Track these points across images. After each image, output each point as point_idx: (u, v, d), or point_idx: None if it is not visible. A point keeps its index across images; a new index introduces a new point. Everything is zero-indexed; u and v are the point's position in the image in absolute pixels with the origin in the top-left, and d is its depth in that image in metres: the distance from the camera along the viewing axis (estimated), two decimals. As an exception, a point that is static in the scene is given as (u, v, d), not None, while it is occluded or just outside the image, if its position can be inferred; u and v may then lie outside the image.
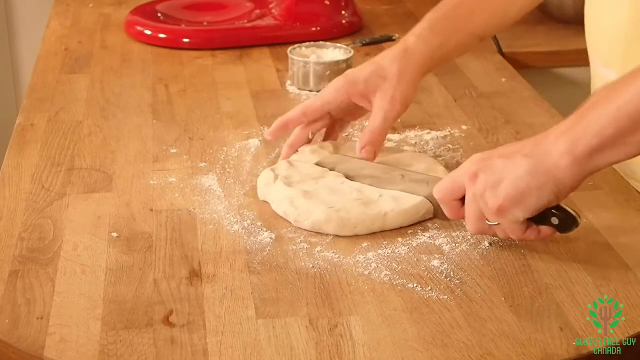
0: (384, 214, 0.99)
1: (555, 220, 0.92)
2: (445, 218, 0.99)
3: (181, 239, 0.99)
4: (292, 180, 1.05)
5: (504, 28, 1.21)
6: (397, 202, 1.01)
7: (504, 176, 0.90)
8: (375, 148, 1.09)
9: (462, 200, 0.94)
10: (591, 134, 0.86)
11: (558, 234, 0.94)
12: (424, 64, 1.12)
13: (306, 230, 0.99)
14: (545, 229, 0.93)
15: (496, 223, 0.92)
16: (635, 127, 0.85)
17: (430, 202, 1.01)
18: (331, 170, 1.08)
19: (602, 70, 1.16)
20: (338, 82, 1.12)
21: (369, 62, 1.13)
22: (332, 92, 1.12)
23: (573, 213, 0.92)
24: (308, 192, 1.02)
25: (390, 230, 1.00)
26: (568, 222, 0.92)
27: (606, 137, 0.86)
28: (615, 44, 1.12)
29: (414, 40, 1.12)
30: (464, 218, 0.95)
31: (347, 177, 1.07)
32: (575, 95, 1.20)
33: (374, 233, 0.99)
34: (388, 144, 1.19)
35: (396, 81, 1.09)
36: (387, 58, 1.12)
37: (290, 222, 1.01)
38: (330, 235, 0.98)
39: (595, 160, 0.87)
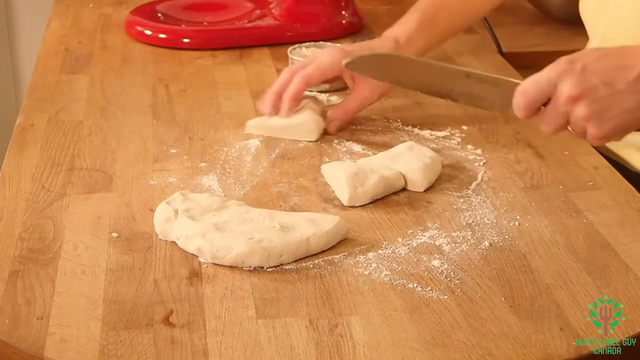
0: (306, 238, 0.95)
1: None
2: (505, 111, 1.01)
3: (181, 239, 0.99)
4: (194, 213, 0.98)
5: (470, 25, 1.39)
6: (315, 224, 0.96)
7: (609, 107, 0.92)
8: (342, 125, 1.23)
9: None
10: None
11: None
12: None
13: (225, 265, 0.93)
14: None
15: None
16: None
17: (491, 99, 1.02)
18: (385, 79, 1.10)
19: None
20: (335, 55, 1.20)
21: (364, 45, 1.25)
22: (329, 64, 1.20)
23: None
24: (218, 224, 0.96)
25: (390, 231, 1.00)
26: None
27: None
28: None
29: (405, 41, 1.25)
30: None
31: (400, 83, 1.10)
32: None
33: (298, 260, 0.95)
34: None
35: None
36: (381, 50, 1.22)
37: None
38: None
39: None
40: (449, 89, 1.05)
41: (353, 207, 1.05)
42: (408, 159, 1.10)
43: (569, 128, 0.96)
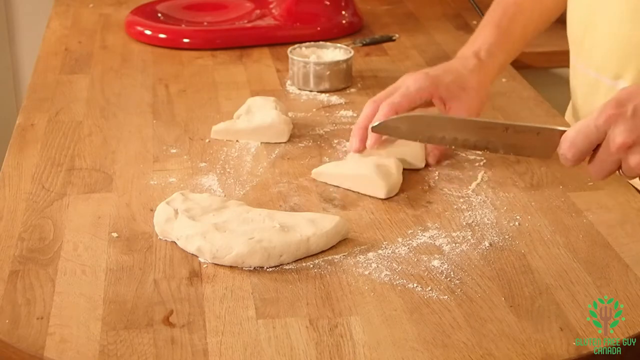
0: (306, 238, 0.95)
1: None
2: (547, 158, 1.01)
3: (181, 239, 0.99)
4: (194, 213, 0.98)
5: (543, 31, 1.31)
6: (315, 224, 0.96)
7: None
8: (442, 157, 1.13)
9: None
10: None
11: None
12: (493, 77, 1.21)
13: (225, 265, 0.94)
14: None
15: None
16: None
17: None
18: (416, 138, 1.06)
19: (591, 72, 1.17)
20: (420, 81, 1.13)
21: (447, 66, 1.18)
22: (417, 90, 1.13)
23: None
24: (218, 224, 0.96)
25: (390, 231, 1.00)
26: None
27: None
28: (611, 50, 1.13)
29: (486, 55, 1.19)
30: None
31: (432, 141, 1.06)
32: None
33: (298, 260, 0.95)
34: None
35: (474, 93, 1.16)
36: (466, 69, 1.17)
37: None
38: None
39: None
40: (487, 141, 1.03)
41: (354, 207, 1.05)
42: (402, 142, 1.11)
43: (620, 172, 0.94)
